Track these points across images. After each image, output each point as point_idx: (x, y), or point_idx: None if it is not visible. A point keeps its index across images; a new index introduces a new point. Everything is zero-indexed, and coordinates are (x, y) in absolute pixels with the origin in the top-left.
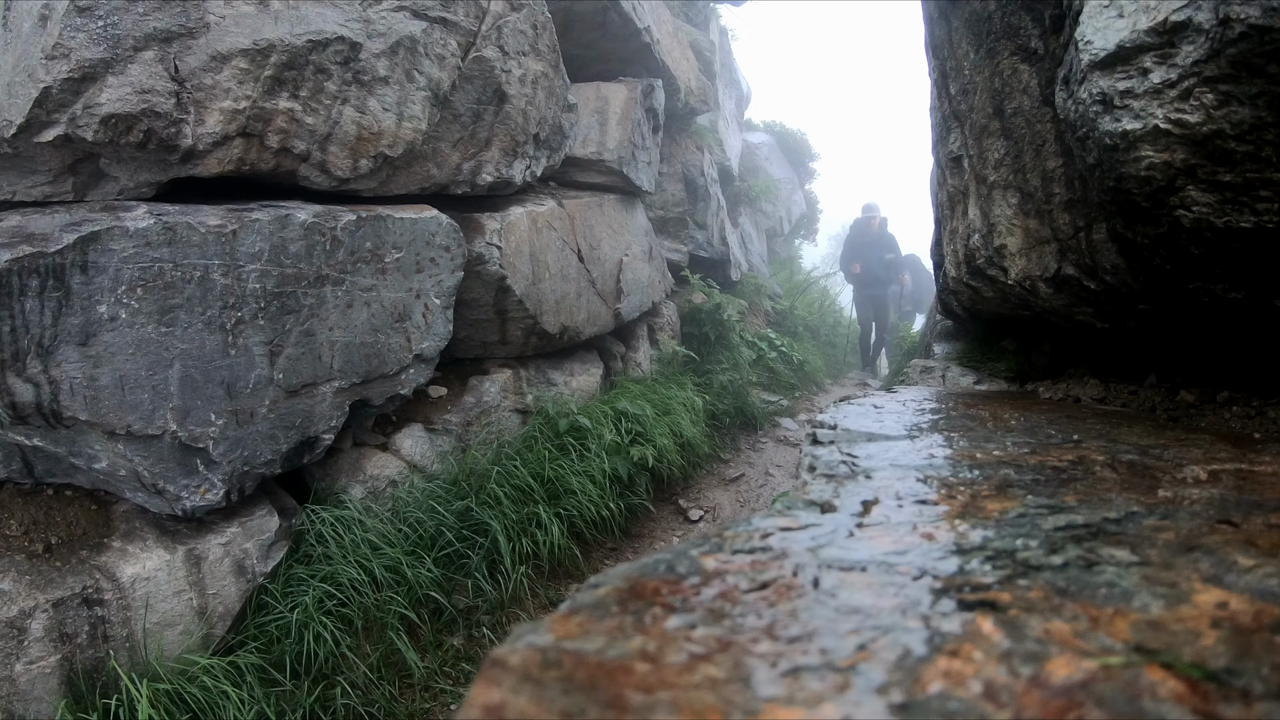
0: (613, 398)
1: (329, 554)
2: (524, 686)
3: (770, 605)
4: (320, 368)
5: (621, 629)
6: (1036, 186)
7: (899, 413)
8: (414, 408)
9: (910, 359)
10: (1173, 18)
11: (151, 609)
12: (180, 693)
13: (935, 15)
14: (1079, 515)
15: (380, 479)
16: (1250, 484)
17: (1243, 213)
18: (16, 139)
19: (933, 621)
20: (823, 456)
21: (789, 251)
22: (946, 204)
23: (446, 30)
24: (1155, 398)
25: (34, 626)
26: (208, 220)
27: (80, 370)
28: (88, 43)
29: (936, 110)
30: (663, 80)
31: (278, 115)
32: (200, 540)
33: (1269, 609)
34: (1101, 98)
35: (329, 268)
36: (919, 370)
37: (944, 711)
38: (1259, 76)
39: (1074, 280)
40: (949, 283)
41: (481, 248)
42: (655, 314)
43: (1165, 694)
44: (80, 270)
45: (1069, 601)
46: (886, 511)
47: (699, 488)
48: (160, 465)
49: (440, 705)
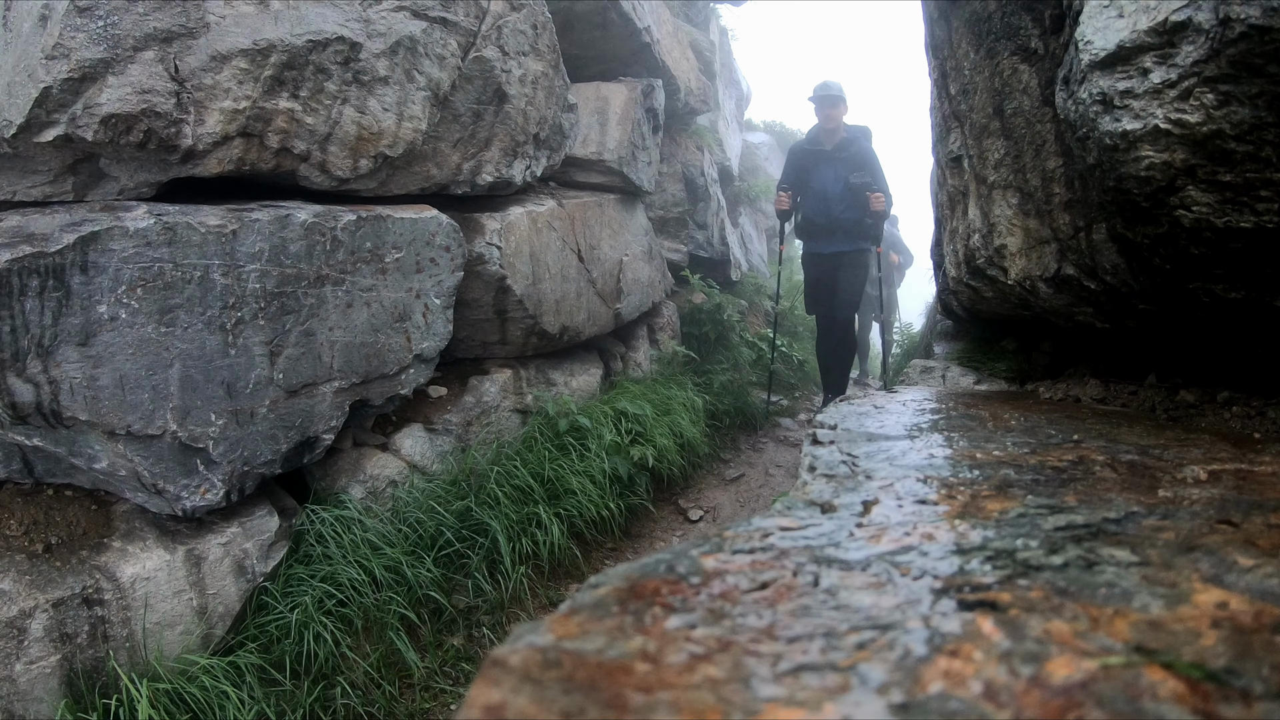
0: (613, 398)
1: (329, 554)
2: (524, 686)
3: (770, 605)
4: (320, 368)
5: (621, 629)
6: (1036, 186)
7: (899, 413)
8: (414, 408)
9: (910, 359)
10: (1173, 18)
11: (151, 609)
12: (180, 693)
13: (935, 15)
14: (1079, 515)
15: (380, 479)
16: (1250, 484)
17: (1243, 213)
18: (16, 139)
19: (933, 621)
20: (823, 456)
21: (790, 251)
22: (946, 204)
23: (446, 30)
24: (1155, 398)
25: (34, 626)
26: (208, 220)
27: (80, 370)
28: (88, 43)
29: (936, 110)
30: (663, 80)
31: (278, 115)
32: (200, 540)
33: (1269, 609)
34: (1101, 98)
35: (329, 268)
36: (919, 370)
37: (944, 711)
38: (1259, 76)
39: (1074, 280)
40: (949, 283)
41: (481, 248)
42: (655, 314)
43: (1165, 694)
44: (80, 270)
45: (1069, 601)
46: (886, 511)
47: (699, 488)
48: (160, 465)
49: (440, 705)
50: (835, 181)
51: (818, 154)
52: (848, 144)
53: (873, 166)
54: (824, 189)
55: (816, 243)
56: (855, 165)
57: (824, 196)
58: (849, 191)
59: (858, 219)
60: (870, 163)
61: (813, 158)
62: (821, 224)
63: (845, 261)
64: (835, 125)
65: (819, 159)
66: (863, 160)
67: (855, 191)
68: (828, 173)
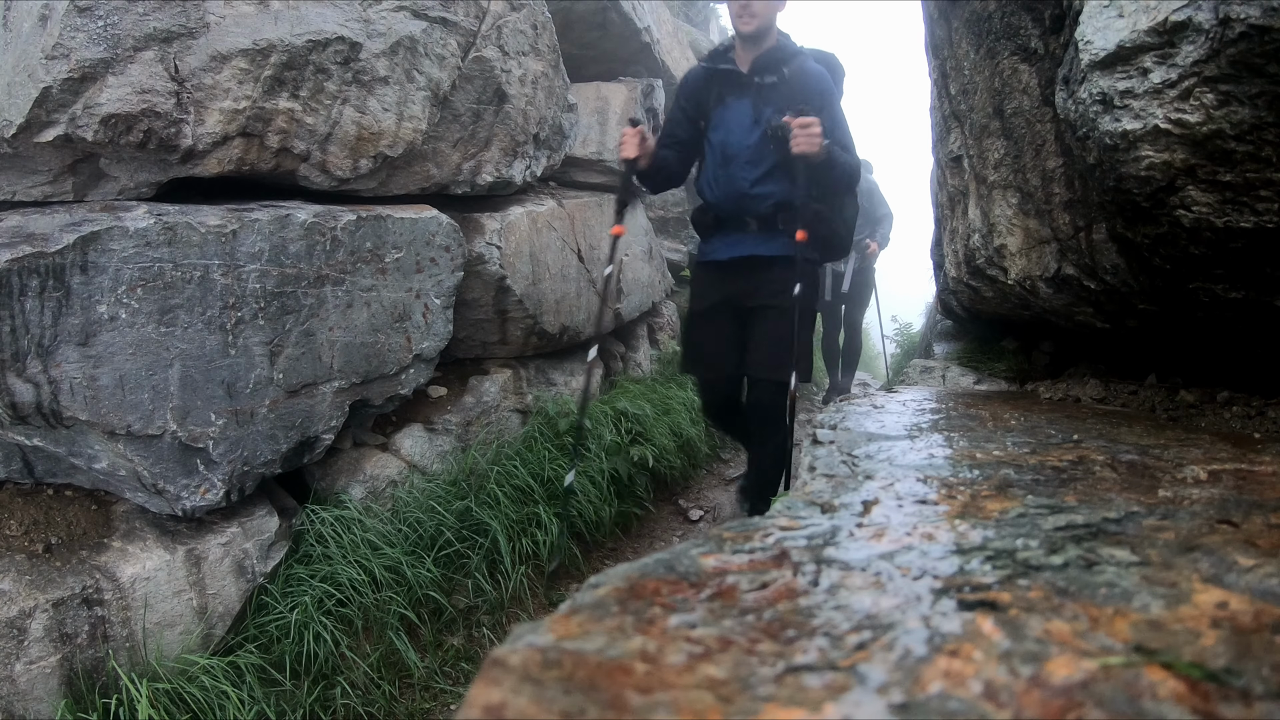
0: (613, 398)
1: (329, 554)
2: (524, 686)
3: (770, 605)
4: (320, 368)
5: (621, 629)
6: (1036, 186)
7: (899, 413)
8: (414, 408)
9: (910, 359)
10: (1173, 18)
11: (151, 609)
12: (180, 693)
13: (935, 15)
14: (1079, 515)
15: (380, 479)
16: (1250, 484)
17: (1243, 213)
18: (16, 139)
19: (933, 621)
20: (823, 456)
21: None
22: (946, 204)
23: (446, 30)
24: (1155, 398)
25: (34, 626)
26: (208, 220)
27: (80, 370)
28: (88, 43)
29: (936, 110)
30: (663, 80)
31: (278, 115)
32: (200, 540)
33: (1269, 609)
34: (1101, 98)
35: (329, 268)
36: (919, 370)
37: (944, 711)
38: (1259, 76)
39: (1074, 280)
40: (949, 283)
41: (481, 248)
42: (655, 314)
43: (1165, 694)
44: (80, 270)
45: (1069, 601)
46: (886, 511)
47: (699, 488)
48: (160, 465)
49: (440, 705)
50: (746, 126)
51: (726, 78)
52: (778, 63)
53: (830, 110)
54: (725, 140)
55: (712, 243)
56: (791, 99)
57: (725, 153)
58: (771, 143)
59: (784, 196)
60: (821, 99)
61: (716, 84)
62: (719, 205)
63: (764, 281)
64: (758, 28)
65: (726, 86)
66: (805, 93)
67: (783, 142)
68: (737, 111)
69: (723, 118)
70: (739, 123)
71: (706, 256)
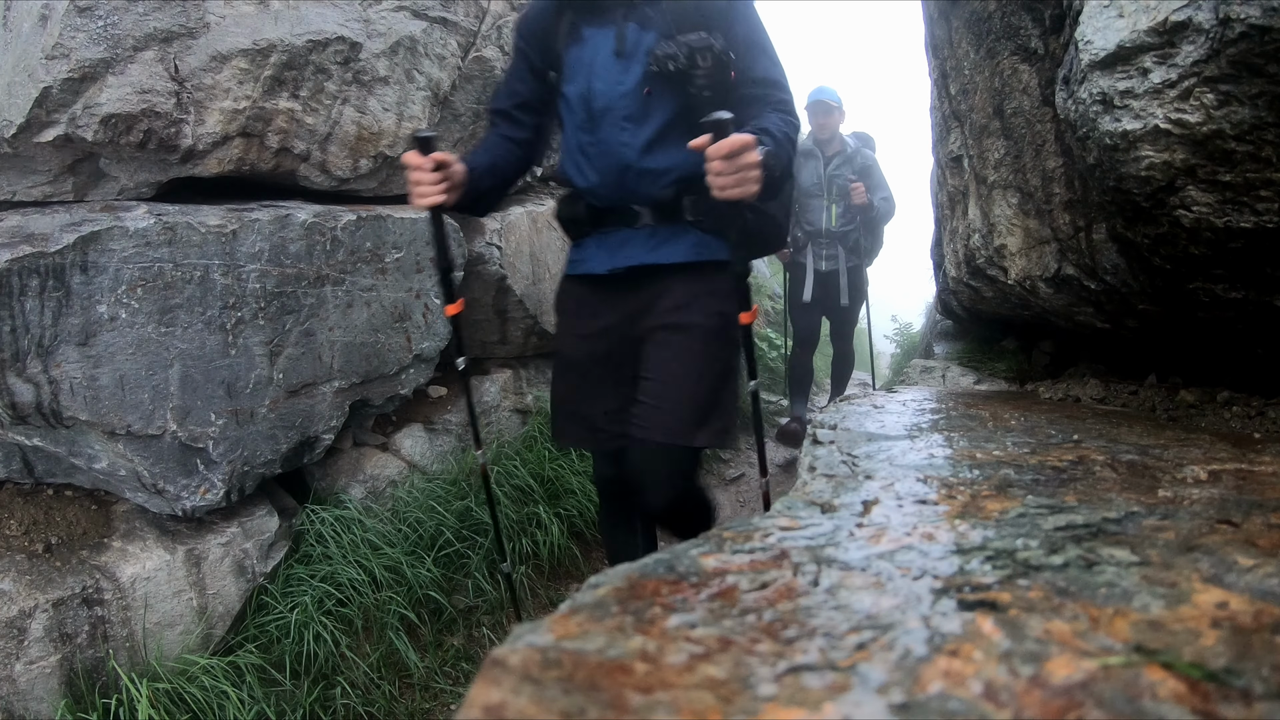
0: None
1: (329, 554)
2: (524, 686)
3: (770, 605)
4: (320, 368)
5: (621, 629)
6: (1036, 186)
7: (899, 413)
8: (414, 408)
9: (910, 359)
10: (1173, 18)
11: (151, 609)
12: (180, 693)
13: (935, 15)
14: (1079, 515)
15: (380, 479)
16: (1250, 484)
17: (1243, 213)
18: (16, 139)
19: (933, 621)
20: (823, 456)
21: None
22: (946, 204)
23: (446, 30)
24: (1155, 398)
25: (34, 626)
26: (208, 220)
27: (80, 370)
28: (88, 43)
29: (936, 110)
30: None
31: (278, 115)
32: (200, 540)
33: (1269, 609)
34: (1101, 98)
35: (329, 268)
36: (919, 370)
37: (944, 711)
38: (1259, 76)
39: (1074, 280)
40: (949, 283)
41: (481, 248)
42: None
43: (1165, 694)
44: (80, 270)
45: (1069, 601)
46: (886, 511)
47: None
48: (160, 465)
49: (440, 705)
50: (617, 66)
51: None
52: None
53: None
54: (589, 90)
55: (584, 248)
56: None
57: (590, 110)
58: (656, 82)
59: (690, 169)
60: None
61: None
62: (593, 191)
63: (664, 295)
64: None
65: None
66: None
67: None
68: (600, 47)
69: (579, 59)
70: (604, 63)
71: (577, 269)
